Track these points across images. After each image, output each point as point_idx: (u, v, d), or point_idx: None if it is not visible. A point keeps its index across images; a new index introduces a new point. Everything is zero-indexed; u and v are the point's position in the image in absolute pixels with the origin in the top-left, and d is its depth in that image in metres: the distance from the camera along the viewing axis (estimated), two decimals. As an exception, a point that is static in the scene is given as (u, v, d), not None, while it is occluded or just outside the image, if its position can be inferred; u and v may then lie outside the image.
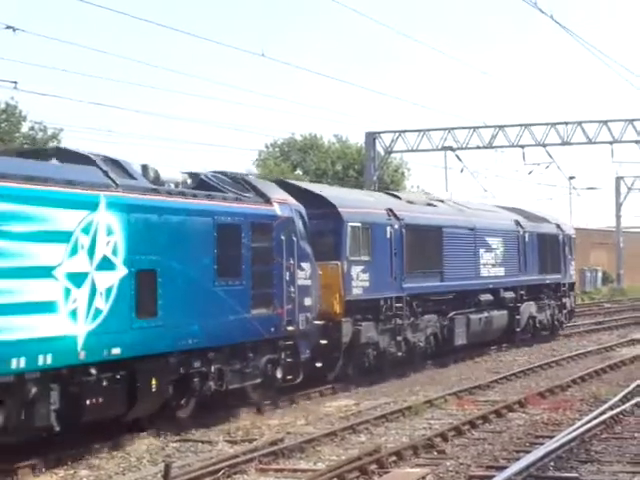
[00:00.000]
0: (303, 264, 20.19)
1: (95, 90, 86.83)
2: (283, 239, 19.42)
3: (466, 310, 28.55)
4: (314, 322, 20.72)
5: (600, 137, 47.22)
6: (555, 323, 35.77)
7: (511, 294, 31.63)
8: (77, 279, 14.07)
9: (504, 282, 31.19)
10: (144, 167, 16.93)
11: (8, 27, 22.85)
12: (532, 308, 33.50)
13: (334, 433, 16.20)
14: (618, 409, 17.98)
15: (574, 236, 38.52)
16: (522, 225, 33.23)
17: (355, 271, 23.15)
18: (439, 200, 30.90)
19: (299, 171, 69.06)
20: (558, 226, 36.81)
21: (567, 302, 36.75)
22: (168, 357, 16.19)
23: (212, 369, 17.36)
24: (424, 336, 26.24)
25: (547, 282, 34.88)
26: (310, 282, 20.49)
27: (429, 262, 26.76)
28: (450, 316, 27.57)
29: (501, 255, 31.10)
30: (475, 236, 29.62)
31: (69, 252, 13.98)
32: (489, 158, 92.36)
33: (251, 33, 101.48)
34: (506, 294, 31.29)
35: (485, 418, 17.84)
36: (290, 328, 19.53)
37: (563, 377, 23.67)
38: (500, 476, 12.52)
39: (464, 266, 28.70)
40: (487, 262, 30.18)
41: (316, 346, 21.08)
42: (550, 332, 35.50)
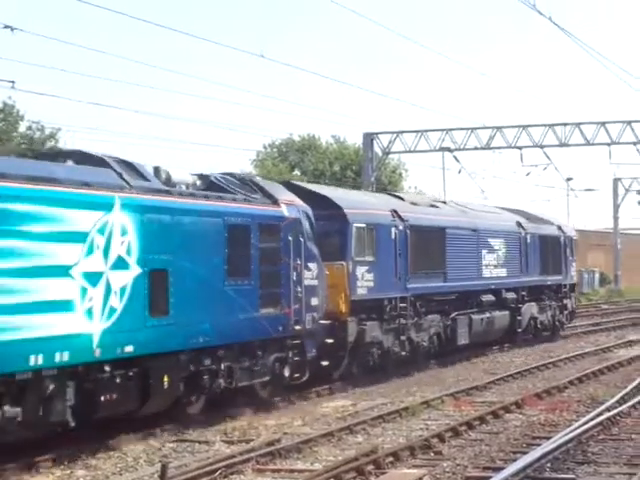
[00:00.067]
0: (310, 264, 20.45)
1: (93, 90, 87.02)
2: (290, 240, 19.67)
3: (468, 310, 28.78)
4: (320, 321, 21.00)
5: (598, 138, 47.17)
6: (556, 324, 35.99)
7: (513, 295, 31.85)
8: (93, 278, 14.37)
9: (506, 283, 31.43)
10: (156, 169, 17.19)
11: (6, 26, 22.80)
12: (533, 309, 33.76)
13: (331, 433, 16.18)
14: (615, 410, 17.96)
15: (575, 238, 38.76)
16: (524, 227, 33.47)
17: (360, 271, 23.42)
18: (442, 201, 31.20)
19: (297, 172, 68.74)
20: (559, 228, 37.05)
21: (568, 303, 36.98)
22: (179, 355, 16.48)
23: (222, 367, 17.63)
24: (427, 336, 26.51)
25: (548, 283, 35.10)
26: (317, 282, 20.75)
27: (432, 263, 27.02)
28: (453, 316, 27.82)
29: (503, 256, 31.34)
30: (478, 237, 29.87)
31: (85, 252, 14.28)
32: (487, 159, 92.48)
33: (250, 34, 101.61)
34: (508, 295, 31.51)
35: (482, 419, 17.81)
36: (297, 327, 19.80)
37: (560, 378, 23.63)
38: (497, 477, 12.52)
39: (467, 267, 28.96)
40: (489, 263, 30.43)
41: (322, 345, 21.34)
42: (551, 333, 35.76)
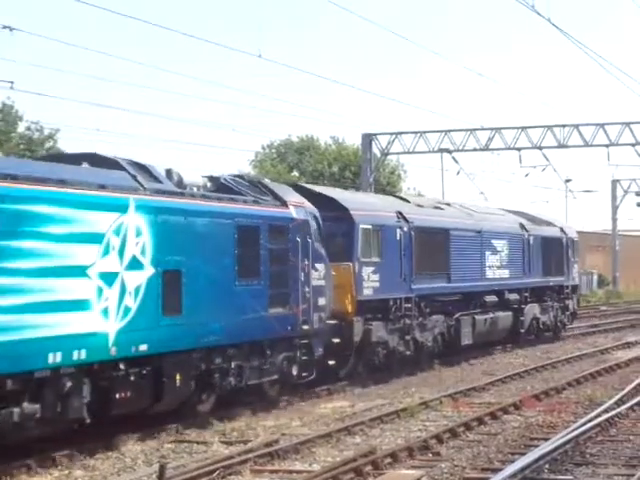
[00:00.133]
0: (317, 265, 20.77)
1: (92, 91, 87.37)
2: (299, 241, 20.00)
3: (472, 311, 29.07)
4: (327, 321, 21.33)
5: (596, 140, 47.14)
6: (558, 324, 36.31)
7: (516, 296, 32.13)
8: (109, 278, 14.70)
9: (509, 284, 31.71)
10: (168, 171, 17.49)
11: (5, 27, 23.01)
12: (536, 310, 34.03)
13: (329, 434, 16.16)
14: (613, 412, 17.89)
15: (577, 239, 39.05)
16: (527, 228, 33.76)
17: (366, 272, 23.72)
18: (446, 203, 31.48)
19: (295, 172, 68.82)
20: (562, 229, 37.34)
21: (570, 304, 37.31)
22: (191, 353, 16.79)
23: (232, 365, 17.96)
24: (432, 336, 26.80)
25: (550, 284, 35.37)
26: (324, 282, 21.07)
27: (437, 264, 27.33)
28: (457, 317, 28.09)
29: (506, 257, 31.63)
30: (481, 239, 30.17)
31: (102, 252, 14.61)
32: (486, 160, 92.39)
33: (248, 34, 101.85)
34: (511, 296, 31.78)
35: (480, 420, 17.79)
36: (305, 327, 20.12)
37: (558, 380, 23.62)
38: (495, 478, 12.50)
39: (470, 268, 29.25)
40: (492, 264, 30.73)
41: (329, 344, 21.66)
42: (553, 333, 36.11)
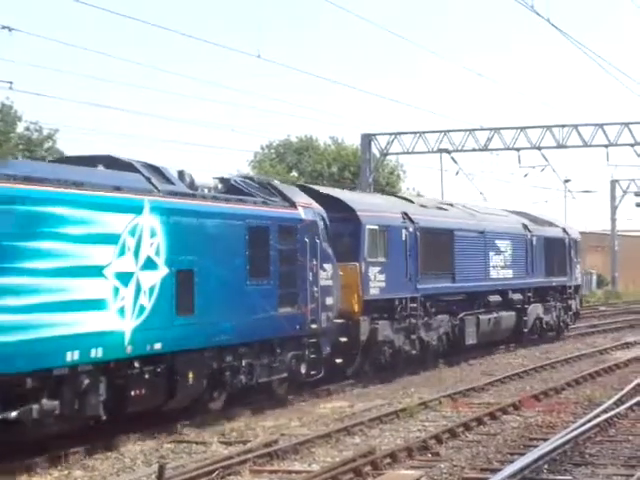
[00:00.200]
0: (325, 265, 21.06)
1: (91, 91, 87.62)
2: (307, 241, 20.29)
3: (476, 311, 29.38)
4: (335, 320, 21.65)
5: (595, 140, 46.91)
6: (561, 324, 36.61)
7: (519, 296, 32.44)
8: (124, 278, 15.01)
9: (512, 284, 32.01)
10: (180, 173, 17.80)
11: (4, 27, 22.92)
12: (539, 309, 34.34)
13: (328, 435, 16.17)
14: (612, 412, 17.91)
15: (579, 240, 39.36)
16: (530, 229, 34.08)
17: (372, 272, 24.02)
18: (449, 204, 31.80)
19: (295, 173, 68.71)
20: (564, 230, 37.64)
21: (572, 304, 37.62)
22: (203, 352, 17.10)
23: (243, 363, 18.26)
24: (437, 335, 27.12)
25: (553, 284, 35.68)
26: (331, 282, 21.37)
27: (441, 264, 27.62)
28: (461, 316, 28.41)
29: (509, 258, 31.93)
30: (485, 239, 30.48)
31: (117, 253, 14.91)
32: (485, 161, 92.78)
33: (246, 34, 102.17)
34: (514, 296, 32.10)
35: (479, 420, 17.80)
36: (313, 326, 20.42)
37: (557, 380, 23.65)
38: (494, 479, 12.52)
39: (474, 268, 29.56)
40: (496, 264, 31.03)
41: (336, 343, 21.99)
42: (556, 333, 36.40)
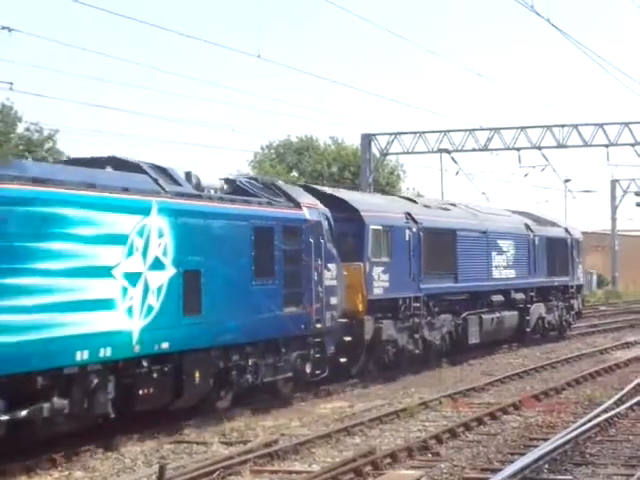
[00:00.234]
0: (329, 265, 21.24)
1: (91, 91, 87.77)
2: (312, 241, 20.46)
3: (479, 310, 29.56)
4: (339, 320, 21.82)
5: (596, 140, 46.97)
6: (563, 324, 36.79)
7: (521, 295, 32.64)
8: (133, 278, 15.20)
9: (515, 284, 32.20)
10: (187, 174, 17.97)
11: (4, 28, 22.96)
12: (541, 309, 34.54)
13: (329, 435, 16.18)
14: (612, 412, 17.89)
15: (582, 240, 39.51)
16: (532, 229, 34.25)
17: (376, 272, 24.22)
18: (452, 204, 31.98)
19: (295, 173, 68.80)
20: (566, 230, 37.83)
21: (575, 303, 37.78)
22: (210, 351, 17.27)
23: (249, 363, 18.44)
24: (440, 335, 27.31)
25: (555, 284, 35.87)
26: (336, 282, 21.53)
27: (444, 264, 27.81)
28: (464, 316, 28.59)
29: (512, 257, 32.12)
30: (487, 239, 30.66)
31: (126, 253, 15.10)
32: (485, 161, 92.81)
33: (246, 34, 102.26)
34: (517, 295, 32.30)
35: (480, 420, 17.80)
36: (318, 326, 20.59)
37: (558, 380, 23.66)
38: (494, 479, 12.52)
39: (477, 268, 29.75)
40: (499, 264, 31.22)
41: (340, 342, 22.16)
42: (558, 332, 36.56)
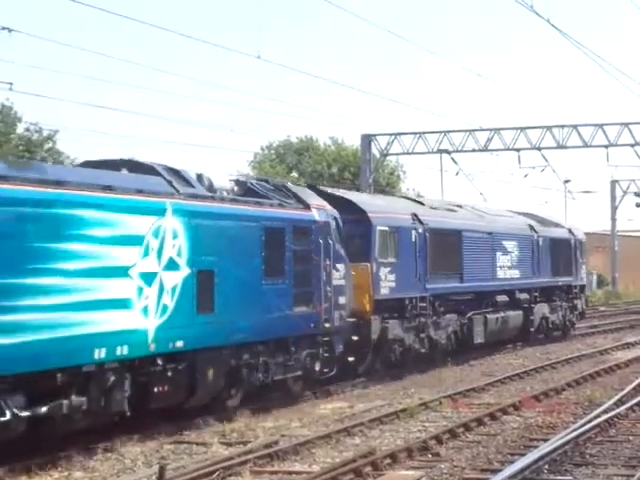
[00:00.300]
0: (338, 265, 21.57)
1: (91, 92, 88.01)
2: (321, 242, 20.79)
3: (484, 310, 29.87)
4: (347, 319, 22.17)
5: (595, 140, 46.65)
6: (567, 324, 37.09)
7: (526, 295, 32.95)
8: (148, 278, 15.53)
9: (519, 284, 32.52)
10: (199, 176, 18.33)
11: (4, 28, 23.03)
12: (545, 309, 34.84)
13: (329, 435, 16.19)
14: (613, 412, 17.88)
15: (585, 240, 39.82)
16: (536, 230, 34.57)
17: (383, 272, 24.54)
18: (457, 205, 32.31)
19: (295, 173, 68.87)
20: (570, 231, 38.15)
21: (578, 304, 38.07)
22: (222, 350, 17.60)
23: (260, 361, 18.78)
24: (445, 334, 27.64)
25: (559, 284, 36.17)
26: (344, 282, 21.87)
27: (450, 264, 28.14)
28: (469, 316, 28.92)
29: (516, 258, 32.43)
30: (492, 240, 30.99)
31: (142, 254, 15.44)
32: (485, 161, 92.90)
33: (246, 34, 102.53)
34: (521, 295, 32.62)
35: (480, 421, 17.79)
36: (327, 325, 20.92)
37: (558, 380, 23.67)
38: (494, 479, 12.52)
39: (482, 268, 30.07)
40: (503, 264, 31.53)
41: (348, 341, 22.49)
42: (562, 332, 36.87)
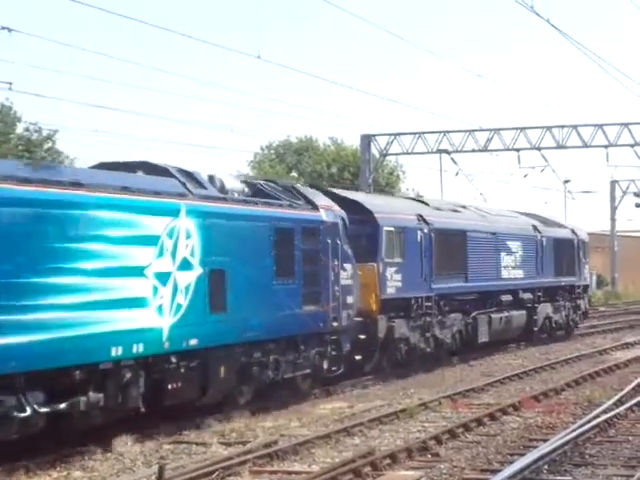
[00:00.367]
0: (345, 265, 21.92)
1: (91, 92, 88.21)
2: (329, 242, 21.14)
3: (488, 310, 30.22)
4: (354, 318, 22.53)
5: (595, 141, 46.76)
6: (570, 323, 37.43)
7: (529, 295, 33.28)
8: (163, 278, 15.87)
9: (523, 284, 32.84)
10: (210, 177, 18.70)
11: (4, 28, 23.13)
12: (548, 309, 35.17)
13: (328, 435, 16.19)
14: (612, 412, 17.86)
15: (587, 241, 40.13)
16: (539, 230, 34.91)
17: (389, 272, 24.90)
18: (462, 206, 32.64)
19: (294, 173, 69.14)
20: (573, 231, 38.47)
21: (581, 303, 38.41)
22: (234, 348, 17.95)
23: (270, 359, 19.13)
24: (450, 333, 27.99)
25: (562, 284, 36.50)
26: (351, 282, 22.22)
27: (455, 264, 28.49)
28: (474, 315, 29.26)
29: (520, 258, 32.77)
30: (496, 240, 31.33)
31: (157, 254, 15.79)
32: (484, 161, 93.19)
33: (246, 35, 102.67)
34: (524, 295, 32.93)
35: (479, 421, 17.78)
36: (335, 324, 21.28)
37: (557, 380, 23.68)
38: (494, 479, 12.52)
39: (486, 268, 30.42)
40: (507, 265, 31.88)
41: (355, 340, 22.87)
42: (565, 332, 37.21)
